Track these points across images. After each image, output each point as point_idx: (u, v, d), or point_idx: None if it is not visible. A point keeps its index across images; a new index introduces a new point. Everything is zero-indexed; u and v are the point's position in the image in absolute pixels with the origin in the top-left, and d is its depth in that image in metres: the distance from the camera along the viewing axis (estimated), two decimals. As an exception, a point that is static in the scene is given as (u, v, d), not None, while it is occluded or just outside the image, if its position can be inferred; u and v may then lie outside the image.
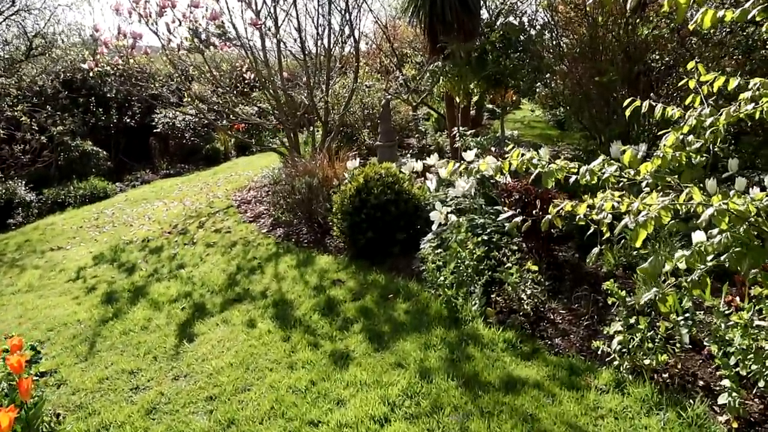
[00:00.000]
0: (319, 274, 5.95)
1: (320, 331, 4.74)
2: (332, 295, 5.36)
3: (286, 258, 6.57)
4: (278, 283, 5.88)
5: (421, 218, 6.42)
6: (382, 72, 13.61)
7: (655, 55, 6.44)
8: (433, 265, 5.20)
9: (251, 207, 9.20)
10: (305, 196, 7.42)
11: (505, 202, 5.85)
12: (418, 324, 4.65)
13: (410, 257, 6.12)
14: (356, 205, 6.19)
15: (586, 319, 4.58)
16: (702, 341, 4.01)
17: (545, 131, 14.36)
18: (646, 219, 2.42)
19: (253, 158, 14.33)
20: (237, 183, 11.19)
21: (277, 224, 7.92)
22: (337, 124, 10.19)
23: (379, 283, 5.53)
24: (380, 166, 6.58)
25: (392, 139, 9.51)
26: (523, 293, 4.68)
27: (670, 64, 6.28)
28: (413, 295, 5.19)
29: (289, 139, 10.02)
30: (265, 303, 5.42)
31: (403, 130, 12.97)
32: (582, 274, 5.36)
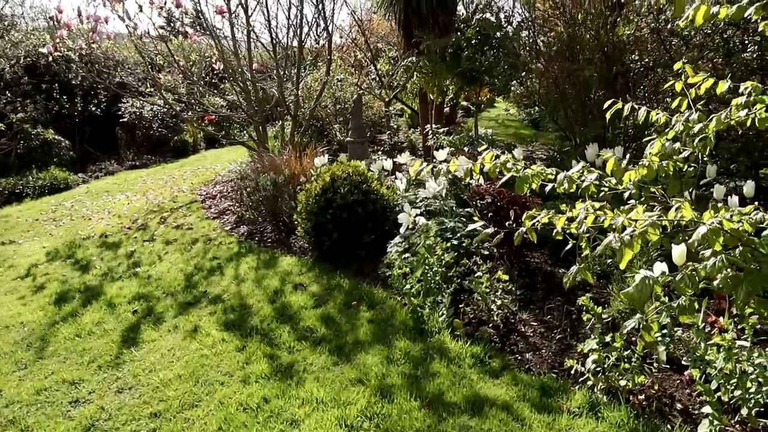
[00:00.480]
0: (281, 277, 5.61)
1: (278, 341, 4.40)
2: (293, 301, 5.02)
3: (248, 258, 6.21)
4: (238, 285, 5.52)
5: (389, 220, 6.11)
6: (356, 66, 13.24)
7: (634, 55, 6.20)
8: (399, 271, 4.89)
9: (216, 202, 8.80)
10: (270, 193, 7.07)
11: (476, 204, 5.56)
12: (381, 335, 4.33)
13: (377, 261, 5.80)
14: (322, 204, 5.86)
15: (559, 332, 4.31)
16: (680, 359, 3.76)
17: (519, 130, 14.13)
18: (633, 237, 2.13)
19: (223, 151, 13.90)
20: (204, 177, 10.78)
21: (241, 222, 7.55)
22: (308, 118, 9.83)
23: (343, 289, 5.21)
24: (348, 165, 6.24)
25: (363, 136, 9.19)
26: (493, 304, 4.39)
27: (650, 65, 6.04)
28: (378, 302, 4.88)
29: (257, 133, 9.63)
30: (222, 307, 5.06)
31: (375, 126, 12.64)
32: (555, 283, 5.09)
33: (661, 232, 2.31)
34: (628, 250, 2.11)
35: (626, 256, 2.11)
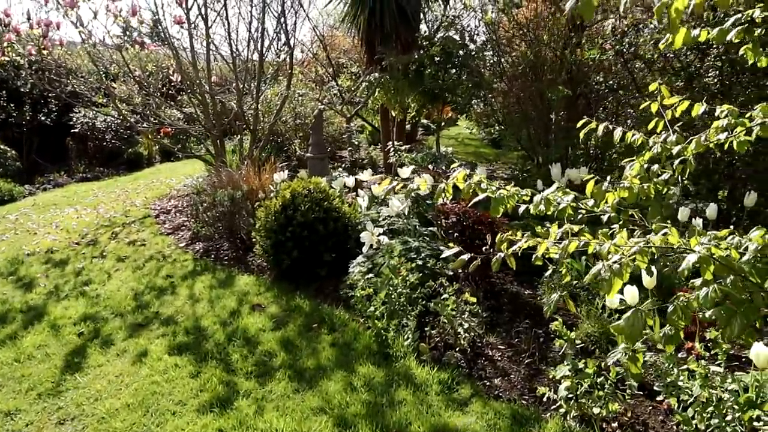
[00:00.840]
0: (239, 297, 5.35)
1: (235, 366, 4.15)
2: (251, 323, 4.77)
3: (203, 277, 5.93)
4: (192, 306, 5.24)
5: (351, 238, 5.92)
6: (317, 81, 13.07)
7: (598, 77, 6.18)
8: (362, 292, 4.69)
9: (171, 218, 8.48)
10: (227, 209, 6.80)
11: (441, 224, 5.42)
12: (344, 360, 4.12)
13: (338, 280, 5.59)
14: (281, 222, 5.63)
15: (527, 357, 4.17)
16: (652, 385, 3.65)
17: (479, 149, 14.13)
18: (622, 265, 1.99)
19: (178, 165, 13.51)
20: (158, 191, 10.41)
21: (196, 238, 7.25)
22: (267, 133, 9.59)
23: (304, 310, 4.98)
24: (308, 181, 6.04)
25: (324, 152, 8.99)
26: (460, 327, 4.23)
27: (613, 87, 6.03)
28: (340, 325, 4.67)
29: (215, 147, 9.35)
30: (175, 329, 4.78)
31: (335, 142, 12.46)
32: (520, 304, 4.97)
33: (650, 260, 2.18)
34: (618, 279, 1.96)
35: (616, 286, 1.97)
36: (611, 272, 1.96)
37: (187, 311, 5.13)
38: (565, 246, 2.23)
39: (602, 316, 4.31)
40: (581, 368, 3.41)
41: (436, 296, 4.69)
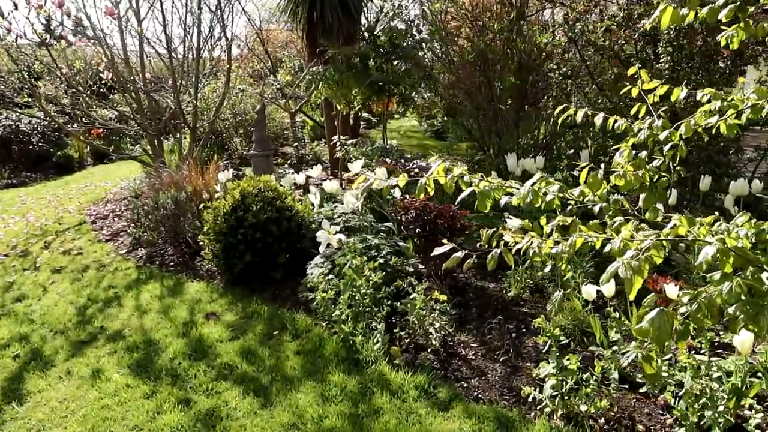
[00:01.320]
0: (190, 306, 4.99)
1: (193, 383, 3.82)
2: (206, 333, 4.44)
3: (150, 286, 5.53)
4: (140, 318, 4.86)
5: (305, 238, 5.64)
6: (255, 77, 12.64)
7: (552, 64, 6.08)
8: (324, 295, 4.42)
9: (108, 223, 7.97)
10: (171, 212, 6.39)
11: (401, 220, 5.20)
12: (312, 369, 3.86)
13: (295, 282, 5.31)
14: (232, 224, 5.30)
15: (502, 354, 4.00)
16: (634, 377, 3.53)
17: (423, 141, 13.98)
18: (640, 262, 1.81)
19: (112, 167, 12.82)
20: (93, 195, 9.81)
21: (138, 244, 6.80)
22: (207, 131, 9.17)
23: (262, 316, 4.68)
24: (259, 180, 5.72)
25: (268, 148, 8.64)
26: (431, 327, 4.02)
27: (567, 74, 5.94)
28: (303, 330, 4.39)
29: (152, 147, 8.87)
30: (123, 345, 4.40)
31: (277, 138, 12.08)
32: (487, 299, 4.81)
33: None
34: (638, 278, 1.78)
35: (636, 285, 1.78)
36: (632, 270, 1.77)
37: (136, 324, 4.75)
38: (572, 243, 2.04)
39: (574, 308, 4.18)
40: (564, 365, 3.25)
41: (401, 295, 4.48)
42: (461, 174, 2.60)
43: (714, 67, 5.30)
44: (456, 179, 2.58)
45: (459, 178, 2.59)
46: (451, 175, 2.58)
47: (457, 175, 2.59)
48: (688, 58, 5.31)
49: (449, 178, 2.57)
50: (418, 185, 2.56)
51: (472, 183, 2.58)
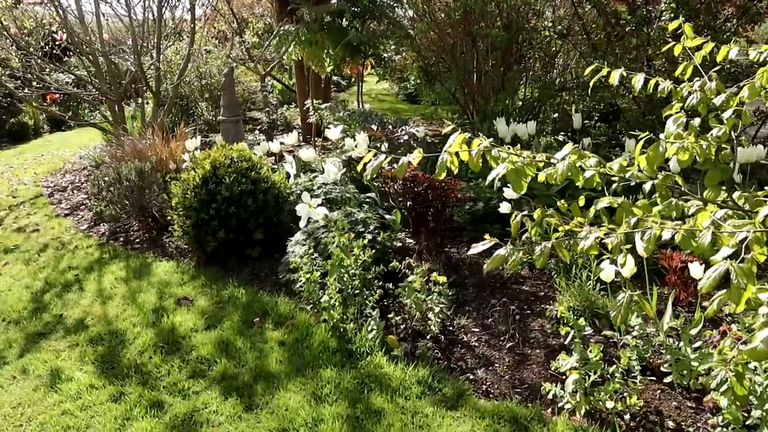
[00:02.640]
0: (159, 290, 4.48)
1: (166, 381, 3.35)
2: (179, 322, 3.94)
3: (114, 267, 5.00)
4: (104, 304, 4.34)
5: (283, 211, 5.14)
6: (220, 38, 11.89)
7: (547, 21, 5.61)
8: (309, 276, 3.95)
9: (67, 196, 7.33)
10: (135, 184, 5.81)
11: (387, 191, 4.73)
12: (300, 362, 3.41)
13: (274, 260, 4.84)
14: (203, 198, 4.77)
15: (507, 339, 3.61)
16: (658, 366, 3.17)
17: (395, 105, 13.41)
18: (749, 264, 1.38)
19: (71, 134, 11.98)
20: (50, 165, 9.08)
21: (99, 219, 6.21)
22: (172, 96, 8.49)
23: (240, 301, 4.19)
24: (231, 149, 5.17)
25: (237, 113, 8.02)
26: (431, 312, 3.60)
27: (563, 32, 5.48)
28: (286, 317, 3.93)
29: (113, 113, 8.18)
30: (85, 337, 3.89)
31: (245, 103, 11.41)
32: (484, 278, 4.40)
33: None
34: (750, 284, 1.35)
35: (747, 293, 1.36)
36: (743, 275, 1.35)
37: (98, 312, 4.23)
38: (651, 237, 1.60)
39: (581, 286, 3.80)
40: (589, 358, 2.86)
41: (393, 275, 4.05)
42: (488, 147, 2.15)
43: (719, 25, 4.90)
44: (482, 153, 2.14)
45: (487, 152, 2.14)
46: (476, 149, 2.12)
47: (483, 149, 2.13)
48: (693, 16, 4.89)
49: (475, 153, 2.11)
50: (438, 163, 2.09)
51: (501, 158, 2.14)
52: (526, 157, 2.14)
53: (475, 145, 2.15)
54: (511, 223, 2.19)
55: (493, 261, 1.85)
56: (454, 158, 2.09)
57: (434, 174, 2.14)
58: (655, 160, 1.92)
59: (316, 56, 7.90)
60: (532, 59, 6.86)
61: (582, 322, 2.89)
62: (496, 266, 1.85)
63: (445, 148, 2.23)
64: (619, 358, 2.97)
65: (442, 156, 2.08)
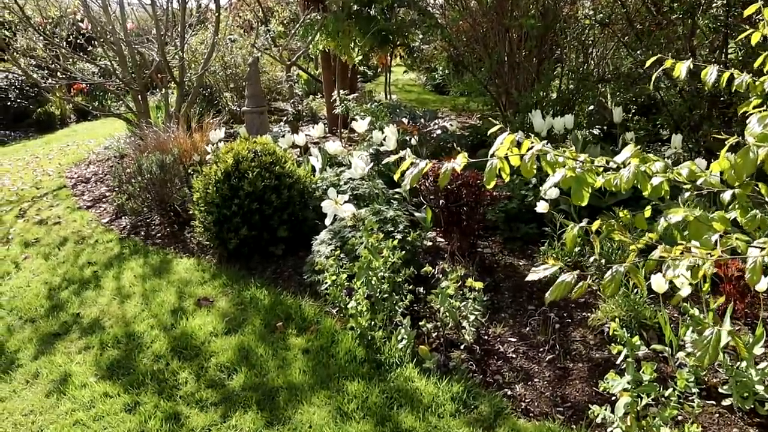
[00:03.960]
0: (179, 289, 4.28)
1: (183, 390, 3.13)
2: (198, 326, 3.73)
3: (133, 263, 4.80)
4: (121, 304, 4.14)
5: (308, 208, 4.90)
6: (245, 27, 11.67)
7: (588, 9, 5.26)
8: (334, 278, 3.71)
9: (90, 187, 7.18)
10: (157, 177, 5.61)
11: (418, 188, 4.46)
12: (325, 373, 3.17)
13: (298, 259, 4.62)
14: (225, 193, 4.55)
15: (547, 351, 3.33)
16: (716, 388, 2.87)
17: (422, 96, 13.09)
18: None
19: (96, 124, 11.91)
20: (74, 156, 8.97)
21: (121, 212, 6.04)
22: (196, 86, 8.28)
23: (262, 303, 3.97)
24: (254, 141, 4.94)
25: (262, 104, 7.80)
26: (465, 321, 3.33)
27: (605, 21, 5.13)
28: (311, 322, 3.69)
29: (136, 103, 8.01)
30: (101, 339, 3.69)
31: (270, 93, 11.19)
32: (520, 280, 4.12)
33: None
34: None
35: None
36: None
37: (116, 312, 4.03)
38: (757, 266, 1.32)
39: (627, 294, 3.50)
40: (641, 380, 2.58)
41: (423, 278, 3.79)
42: (543, 150, 1.87)
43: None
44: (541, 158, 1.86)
45: (541, 156, 1.86)
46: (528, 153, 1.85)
47: (538, 152, 1.86)
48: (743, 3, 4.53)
49: (527, 158, 1.83)
50: (487, 170, 1.82)
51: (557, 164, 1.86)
52: (583, 161, 1.86)
53: (526, 147, 1.88)
54: (566, 239, 1.92)
55: (556, 289, 1.57)
56: (504, 164, 1.82)
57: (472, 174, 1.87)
58: (745, 168, 1.62)
59: (343, 46, 7.64)
60: (567, 49, 6.51)
61: (636, 340, 2.60)
62: (560, 296, 1.57)
63: (493, 151, 1.96)
64: (673, 377, 2.69)
65: (491, 162, 1.81)
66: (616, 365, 3.14)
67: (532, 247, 4.59)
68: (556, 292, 1.58)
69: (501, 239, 4.75)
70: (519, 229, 4.75)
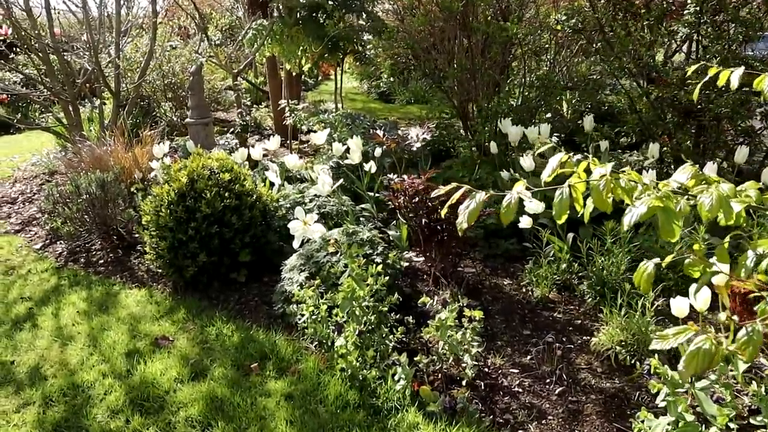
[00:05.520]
0: (131, 327, 3.74)
1: (148, 456, 2.64)
2: (158, 371, 3.22)
3: (74, 296, 4.22)
4: (63, 347, 3.58)
5: (271, 228, 4.45)
6: (182, 34, 11.02)
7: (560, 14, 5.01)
8: (313, 310, 3.30)
9: (17, 209, 6.45)
10: (97, 197, 5.02)
11: (395, 204, 4.08)
12: (315, 424, 2.73)
13: (263, 286, 4.18)
14: (180, 216, 4.05)
15: (555, 383, 3.01)
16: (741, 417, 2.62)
17: (368, 104, 12.71)
18: None
19: (20, 137, 10.95)
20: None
21: (56, 236, 5.40)
22: (133, 96, 7.66)
23: (230, 340, 3.49)
24: (209, 157, 4.45)
25: (207, 115, 7.26)
26: (467, 354, 2.97)
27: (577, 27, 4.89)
28: (290, 361, 3.25)
29: (67, 115, 7.31)
30: (43, 392, 3.13)
31: (211, 103, 10.60)
32: (509, 301, 3.82)
33: None
34: None
35: None
36: None
37: (58, 357, 3.46)
38: None
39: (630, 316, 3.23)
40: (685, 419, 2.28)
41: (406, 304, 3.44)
42: (616, 175, 1.54)
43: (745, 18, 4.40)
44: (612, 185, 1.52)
45: (614, 182, 1.52)
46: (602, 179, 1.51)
47: (610, 178, 1.51)
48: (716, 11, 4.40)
49: (603, 186, 1.49)
50: (557, 200, 1.47)
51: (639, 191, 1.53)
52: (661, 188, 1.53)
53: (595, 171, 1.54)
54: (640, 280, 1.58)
55: (692, 361, 1.22)
56: (579, 194, 1.47)
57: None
58: None
59: (290, 52, 7.19)
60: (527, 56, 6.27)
61: (676, 376, 2.30)
62: (700, 370, 1.22)
63: (546, 176, 1.61)
64: (694, 406, 2.42)
65: (564, 191, 1.45)
66: (629, 396, 2.86)
67: (515, 264, 4.31)
68: (693, 366, 1.22)
69: (481, 256, 4.45)
70: (499, 246, 4.45)
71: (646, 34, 5.05)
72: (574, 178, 1.51)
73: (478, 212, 1.47)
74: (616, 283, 3.67)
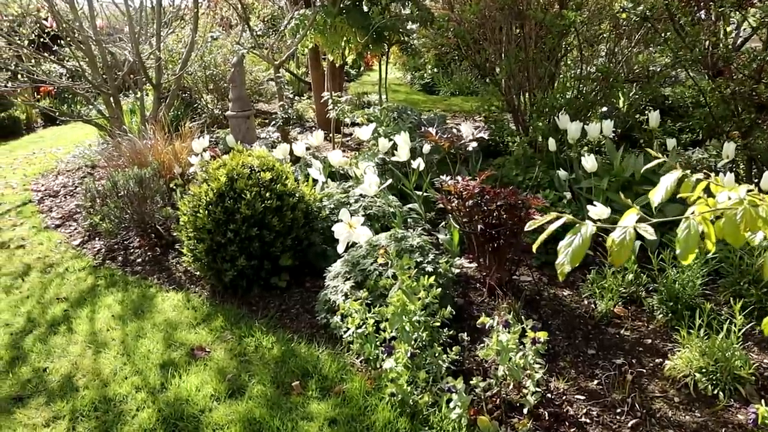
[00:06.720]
0: (167, 334, 3.54)
1: (180, 485, 2.42)
2: (193, 386, 3.00)
3: (110, 298, 4.04)
4: (97, 354, 3.39)
5: (314, 230, 4.19)
6: (224, 25, 10.85)
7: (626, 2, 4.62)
8: (359, 325, 3.02)
9: (59, 202, 6.36)
10: (135, 194, 4.84)
11: (448, 208, 3.78)
12: (361, 457, 2.47)
13: (306, 292, 3.93)
14: (218, 218, 3.81)
15: (626, 413, 2.68)
16: None
17: (411, 96, 12.37)
18: None
19: (66, 129, 10.97)
20: (42, 165, 8.10)
21: (94, 232, 5.26)
22: (174, 88, 7.50)
23: (270, 354, 3.25)
24: (249, 154, 4.21)
25: (248, 108, 7.04)
26: (529, 380, 2.67)
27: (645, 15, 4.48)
28: (334, 380, 2.99)
29: (108, 107, 7.18)
30: (73, 406, 2.94)
31: (252, 95, 10.41)
32: (570, 316, 3.48)
33: None
34: None
35: None
36: None
37: (91, 366, 3.28)
38: None
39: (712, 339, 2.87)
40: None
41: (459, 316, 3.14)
42: (752, 202, 1.20)
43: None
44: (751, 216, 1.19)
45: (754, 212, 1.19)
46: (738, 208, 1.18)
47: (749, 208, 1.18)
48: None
49: (740, 215, 1.16)
50: (683, 236, 1.15)
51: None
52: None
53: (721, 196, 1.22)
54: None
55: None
56: (710, 228, 1.15)
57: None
58: None
59: (334, 43, 6.92)
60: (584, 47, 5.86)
61: None
62: None
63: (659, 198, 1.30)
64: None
65: (691, 224, 1.14)
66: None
67: (575, 273, 3.96)
68: None
69: (537, 264, 4.11)
70: (556, 253, 4.10)
71: (718, 22, 4.62)
72: (700, 206, 1.19)
73: (584, 251, 1.17)
74: (691, 298, 3.31)
